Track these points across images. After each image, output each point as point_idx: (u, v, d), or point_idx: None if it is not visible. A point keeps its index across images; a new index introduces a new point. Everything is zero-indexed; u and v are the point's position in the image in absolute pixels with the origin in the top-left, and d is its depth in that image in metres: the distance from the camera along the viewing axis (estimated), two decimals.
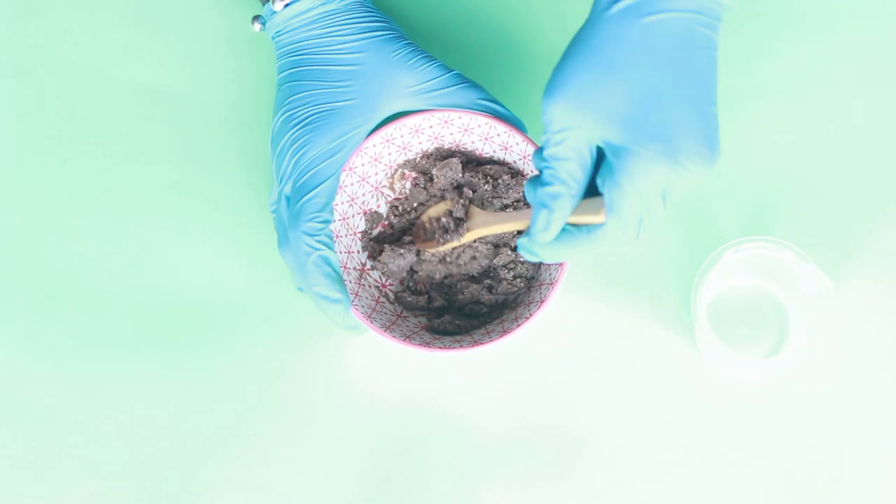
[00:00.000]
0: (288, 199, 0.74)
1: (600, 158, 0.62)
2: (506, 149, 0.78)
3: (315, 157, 0.74)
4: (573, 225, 0.63)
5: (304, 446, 0.78)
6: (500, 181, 0.78)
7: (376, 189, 0.80)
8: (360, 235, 0.79)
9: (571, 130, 0.60)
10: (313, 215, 0.73)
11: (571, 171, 0.61)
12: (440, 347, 0.73)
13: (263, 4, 0.78)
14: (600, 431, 0.77)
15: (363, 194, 0.79)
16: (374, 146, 0.77)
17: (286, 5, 0.76)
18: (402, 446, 0.78)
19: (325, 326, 0.80)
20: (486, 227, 0.75)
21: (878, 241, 0.79)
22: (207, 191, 0.83)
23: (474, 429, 0.78)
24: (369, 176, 0.78)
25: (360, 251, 0.79)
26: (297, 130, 0.74)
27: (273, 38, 0.78)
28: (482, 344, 0.73)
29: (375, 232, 0.80)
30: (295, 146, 0.74)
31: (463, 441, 0.78)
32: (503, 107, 0.76)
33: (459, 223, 0.76)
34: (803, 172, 0.81)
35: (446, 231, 0.76)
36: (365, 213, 0.80)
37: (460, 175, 0.79)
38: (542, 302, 0.73)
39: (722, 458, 0.77)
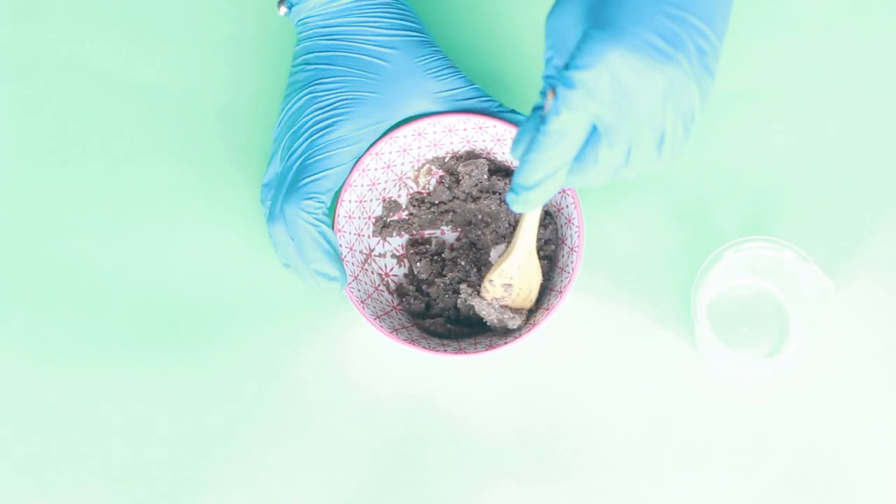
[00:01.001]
0: (297, 173, 0.74)
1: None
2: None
3: (334, 141, 0.74)
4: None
5: (304, 446, 0.78)
6: None
7: (400, 179, 0.80)
8: (373, 220, 0.79)
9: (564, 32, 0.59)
10: (315, 195, 0.73)
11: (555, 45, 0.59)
12: (424, 348, 0.73)
13: None
14: (600, 431, 0.77)
15: (385, 181, 0.79)
16: (404, 136, 0.77)
17: None
18: (403, 446, 0.78)
19: (327, 326, 0.80)
20: (511, 253, 0.74)
21: (878, 241, 0.79)
22: (206, 190, 0.83)
23: (474, 428, 0.78)
24: (395, 165, 0.78)
25: (371, 236, 0.79)
26: (322, 112, 0.74)
27: (299, 22, 0.78)
28: (466, 353, 0.73)
29: (391, 220, 0.80)
30: (316, 127, 0.74)
31: (463, 440, 0.78)
32: (522, 117, 0.77)
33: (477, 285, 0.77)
34: (803, 172, 0.81)
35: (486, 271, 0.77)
36: (384, 200, 0.79)
37: (485, 177, 0.79)
38: (533, 326, 0.74)
39: (722, 458, 0.77)
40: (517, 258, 0.74)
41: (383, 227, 0.79)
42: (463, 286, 0.76)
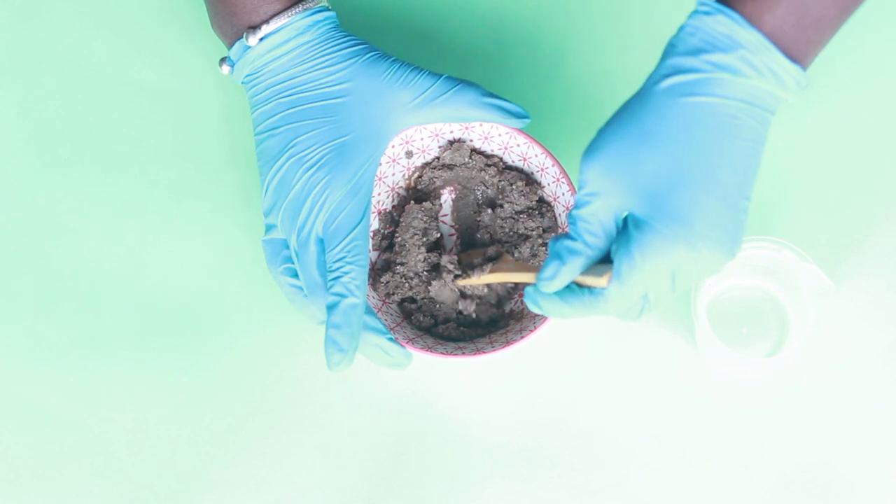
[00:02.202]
0: (320, 241, 0.71)
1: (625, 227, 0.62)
2: (524, 159, 0.78)
3: (340, 200, 0.71)
4: (579, 286, 0.63)
5: (305, 446, 0.78)
6: (514, 186, 0.78)
7: (392, 189, 0.80)
8: (371, 234, 0.79)
9: (601, 195, 0.61)
10: (355, 258, 0.70)
11: (595, 232, 0.61)
12: (442, 353, 0.73)
13: (229, 48, 0.74)
14: (600, 431, 0.77)
15: (378, 194, 0.79)
16: (392, 147, 0.77)
17: (261, 39, 0.72)
18: (403, 446, 0.78)
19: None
20: (507, 272, 0.74)
21: (878, 241, 0.79)
22: (207, 190, 0.83)
23: (474, 428, 0.78)
24: (386, 176, 0.78)
25: (372, 250, 0.79)
26: (312, 173, 0.71)
27: (245, 81, 0.74)
28: (484, 353, 0.73)
29: (388, 231, 0.80)
30: (315, 192, 0.71)
31: (463, 440, 0.78)
32: (505, 100, 0.75)
33: (486, 262, 0.76)
34: (803, 172, 0.81)
35: (472, 268, 0.76)
36: (379, 213, 0.79)
37: (468, 158, 0.78)
38: (546, 319, 0.73)
39: (722, 458, 0.77)
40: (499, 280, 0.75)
41: (381, 239, 0.79)
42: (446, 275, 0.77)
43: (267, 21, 0.72)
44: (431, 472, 0.77)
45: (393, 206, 0.80)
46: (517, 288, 0.78)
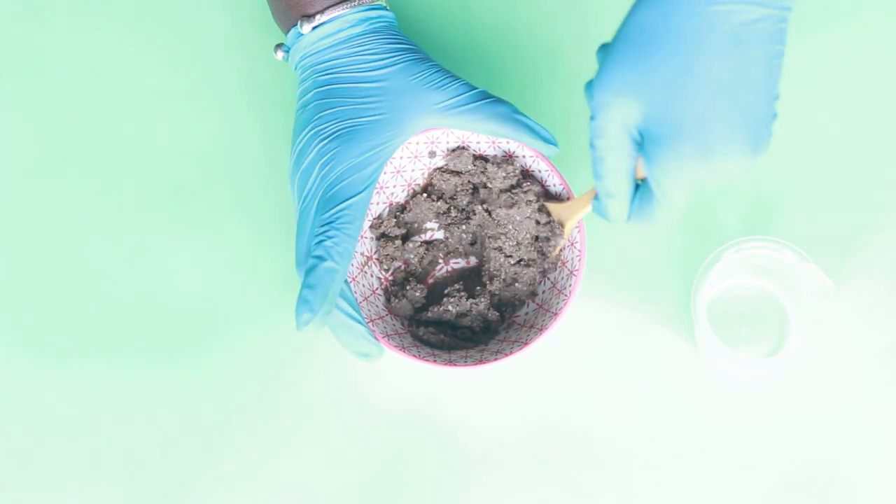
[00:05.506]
0: (318, 210, 0.72)
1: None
2: (543, 184, 0.77)
3: (344, 171, 0.72)
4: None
5: (305, 446, 0.78)
6: (525, 195, 0.77)
7: (409, 185, 0.79)
8: (375, 222, 0.79)
9: (614, 113, 0.61)
10: (343, 226, 0.71)
11: (612, 145, 0.62)
12: (413, 356, 0.73)
13: (286, 33, 0.77)
14: (600, 432, 0.77)
15: (393, 185, 0.78)
16: (416, 143, 0.77)
17: (314, 28, 0.75)
18: (403, 445, 0.78)
19: (325, 328, 0.79)
20: (572, 216, 0.74)
21: (878, 241, 0.79)
22: (207, 189, 0.83)
23: (473, 428, 0.78)
24: (405, 171, 0.78)
25: (373, 238, 0.79)
26: (325, 144, 0.73)
27: (297, 66, 0.77)
28: (454, 366, 0.73)
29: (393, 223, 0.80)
30: (323, 160, 0.72)
31: (462, 440, 0.78)
32: (532, 121, 0.75)
33: (551, 225, 0.76)
34: (803, 172, 0.81)
35: (548, 239, 0.76)
36: (390, 205, 0.79)
37: (471, 165, 0.78)
38: (526, 344, 0.73)
39: (722, 458, 0.77)
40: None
41: (386, 229, 0.79)
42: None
43: (321, 11, 0.75)
44: (431, 473, 0.77)
45: (406, 201, 0.80)
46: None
